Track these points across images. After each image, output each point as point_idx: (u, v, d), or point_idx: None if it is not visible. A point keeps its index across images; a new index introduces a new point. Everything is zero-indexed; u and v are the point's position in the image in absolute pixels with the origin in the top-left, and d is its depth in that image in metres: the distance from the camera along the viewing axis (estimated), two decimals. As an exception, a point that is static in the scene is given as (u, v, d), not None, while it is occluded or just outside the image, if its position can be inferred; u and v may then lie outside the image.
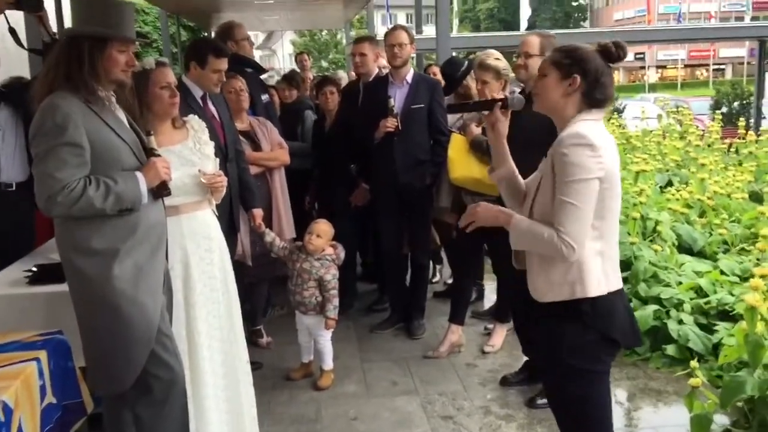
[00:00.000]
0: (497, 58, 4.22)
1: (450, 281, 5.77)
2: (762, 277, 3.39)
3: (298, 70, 7.83)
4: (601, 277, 2.24)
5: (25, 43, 3.86)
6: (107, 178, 2.45)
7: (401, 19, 52.83)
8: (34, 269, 3.28)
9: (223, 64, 3.73)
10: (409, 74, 4.65)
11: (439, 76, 5.21)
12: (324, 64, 36.91)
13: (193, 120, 3.15)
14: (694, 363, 3.26)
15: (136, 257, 2.56)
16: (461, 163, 4.25)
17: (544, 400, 3.76)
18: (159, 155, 2.63)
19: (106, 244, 2.50)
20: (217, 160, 3.19)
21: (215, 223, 3.20)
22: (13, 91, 4.45)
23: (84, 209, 2.41)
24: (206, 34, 18.38)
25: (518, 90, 5.18)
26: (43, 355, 2.40)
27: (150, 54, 19.05)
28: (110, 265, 2.50)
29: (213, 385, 3.10)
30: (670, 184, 7.11)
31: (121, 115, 2.64)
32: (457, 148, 4.27)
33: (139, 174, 2.54)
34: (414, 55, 5.01)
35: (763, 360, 3.07)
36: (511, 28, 44.58)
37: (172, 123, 3.05)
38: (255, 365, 4.29)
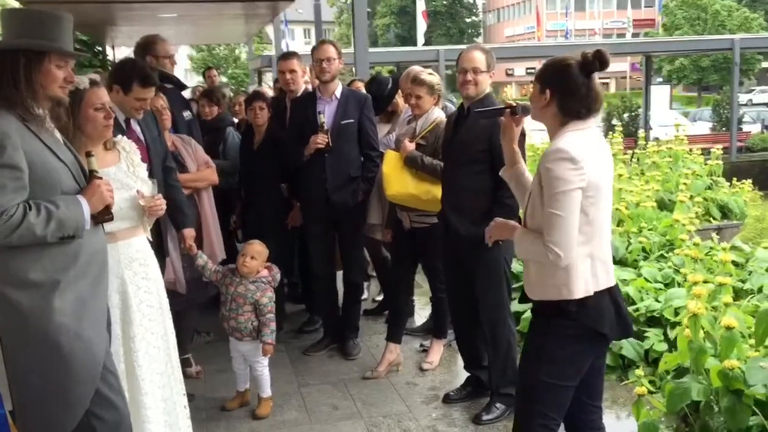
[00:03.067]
0: (430, 73, 4.22)
1: (379, 298, 5.71)
2: (695, 283, 3.51)
3: (204, 86, 7.60)
4: (588, 279, 2.39)
5: None
6: (48, 203, 2.25)
7: (298, 34, 52.65)
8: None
9: (149, 93, 3.49)
10: (338, 89, 4.57)
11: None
12: (224, 79, 36.22)
13: (123, 141, 2.96)
14: (639, 371, 3.34)
15: (79, 289, 2.36)
16: (396, 180, 4.20)
17: (490, 416, 3.77)
18: (101, 177, 2.44)
19: (45, 275, 2.29)
20: (154, 181, 3.00)
21: (150, 250, 3.01)
22: None
23: (23, 237, 2.20)
24: (100, 48, 17.68)
25: (449, 105, 5.20)
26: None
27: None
28: (50, 298, 2.29)
29: (156, 422, 2.91)
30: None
31: (58, 134, 2.43)
32: (391, 165, 4.21)
33: (81, 198, 2.34)
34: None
35: (705, 365, 3.16)
36: (407, 44, 45.27)
37: (103, 145, 2.85)
38: (187, 397, 4.09)
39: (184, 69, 43.88)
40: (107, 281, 2.52)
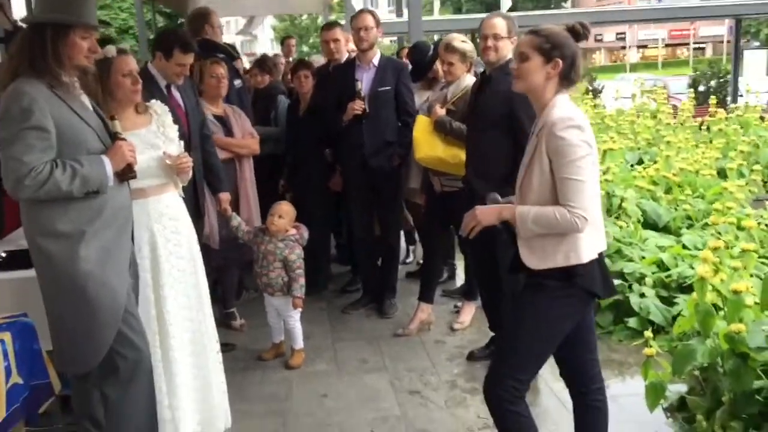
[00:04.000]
0: (463, 41, 4.29)
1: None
2: (715, 249, 3.50)
3: (282, 55, 7.85)
4: (591, 243, 2.43)
5: None
6: (73, 161, 2.51)
7: (382, 1, 52.53)
8: (3, 255, 3.33)
9: (189, 59, 3.78)
10: (376, 57, 4.71)
11: None
12: (305, 48, 36.72)
13: (156, 104, 3.20)
14: (648, 333, 3.37)
15: (103, 239, 2.63)
16: (426, 143, 4.32)
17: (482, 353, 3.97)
18: (124, 139, 2.69)
19: (72, 226, 2.56)
20: (182, 142, 3.24)
21: (182, 206, 3.25)
22: None
23: (51, 192, 2.47)
24: (183, 20, 18.29)
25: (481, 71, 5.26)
26: (7, 336, 2.47)
27: (127, 41, 18.93)
28: (76, 247, 2.56)
29: (182, 362, 3.17)
30: (641, 162, 7.23)
31: (86, 100, 2.69)
32: (421, 129, 4.34)
33: (104, 157, 2.59)
34: (396, 39, 5.07)
35: (713, 329, 3.18)
36: (492, 10, 44.52)
37: (135, 108, 3.10)
38: (228, 347, 4.40)
39: (269, 39, 44.69)
40: (130, 234, 2.78)
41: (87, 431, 2.86)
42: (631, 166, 6.89)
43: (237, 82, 5.15)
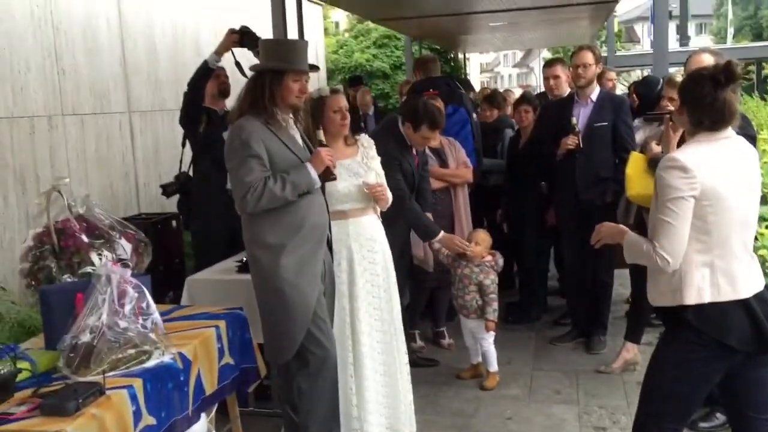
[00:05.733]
0: (683, 76, 4.19)
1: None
2: None
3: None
4: (704, 287, 2.40)
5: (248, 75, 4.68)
6: (282, 173, 3.01)
7: (671, 29, 49.94)
8: (244, 260, 4.00)
9: (435, 135, 4.26)
10: (594, 93, 4.75)
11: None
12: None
13: (364, 138, 3.65)
14: None
15: (301, 252, 3.10)
16: (638, 181, 4.24)
17: (707, 424, 3.69)
18: (325, 145, 3.16)
19: (277, 239, 3.07)
20: (382, 173, 3.63)
21: (379, 228, 3.65)
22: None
23: (270, 200, 2.97)
24: (452, 55, 19.29)
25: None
26: (222, 324, 3.01)
27: (399, 76, 20.42)
28: (279, 257, 3.06)
29: (372, 368, 3.54)
30: None
31: (296, 133, 3.20)
32: (634, 166, 4.27)
33: (308, 164, 3.07)
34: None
35: None
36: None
37: (344, 140, 3.57)
38: (432, 363, 4.74)
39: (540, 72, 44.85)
40: (324, 249, 3.22)
41: (287, 414, 3.34)
42: None
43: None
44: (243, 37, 4.27)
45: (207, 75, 4.39)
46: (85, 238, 2.83)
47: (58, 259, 2.77)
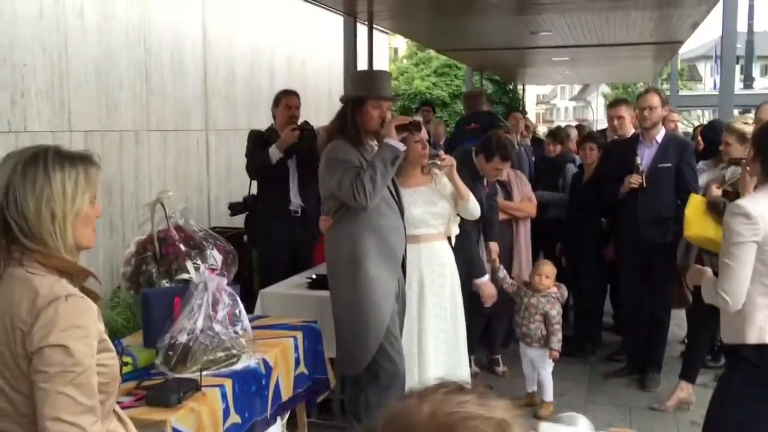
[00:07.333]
0: (745, 122, 4.30)
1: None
2: None
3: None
4: (765, 327, 2.53)
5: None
6: (367, 165, 3.25)
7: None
8: (314, 277, 4.23)
9: (506, 166, 4.46)
10: (660, 134, 4.87)
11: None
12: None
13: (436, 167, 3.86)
14: None
15: (380, 270, 3.32)
16: (697, 222, 4.35)
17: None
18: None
19: (359, 257, 3.30)
20: (452, 201, 3.83)
21: (449, 253, 3.84)
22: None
23: (369, 186, 3.17)
24: (510, 86, 19.46)
25: None
26: (299, 335, 3.22)
27: (458, 104, 20.67)
28: (358, 273, 3.29)
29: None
30: None
31: None
32: (693, 208, 4.38)
33: (387, 139, 3.28)
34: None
35: None
36: None
37: (421, 169, 3.79)
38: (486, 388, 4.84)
39: (600, 105, 44.55)
40: (399, 269, 3.43)
41: (353, 426, 3.54)
42: None
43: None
44: (302, 132, 4.61)
45: (267, 167, 4.71)
46: (182, 247, 3.09)
47: (159, 265, 3.03)
